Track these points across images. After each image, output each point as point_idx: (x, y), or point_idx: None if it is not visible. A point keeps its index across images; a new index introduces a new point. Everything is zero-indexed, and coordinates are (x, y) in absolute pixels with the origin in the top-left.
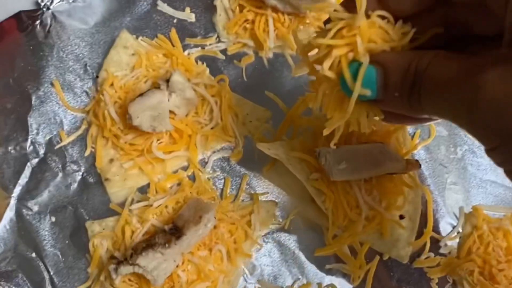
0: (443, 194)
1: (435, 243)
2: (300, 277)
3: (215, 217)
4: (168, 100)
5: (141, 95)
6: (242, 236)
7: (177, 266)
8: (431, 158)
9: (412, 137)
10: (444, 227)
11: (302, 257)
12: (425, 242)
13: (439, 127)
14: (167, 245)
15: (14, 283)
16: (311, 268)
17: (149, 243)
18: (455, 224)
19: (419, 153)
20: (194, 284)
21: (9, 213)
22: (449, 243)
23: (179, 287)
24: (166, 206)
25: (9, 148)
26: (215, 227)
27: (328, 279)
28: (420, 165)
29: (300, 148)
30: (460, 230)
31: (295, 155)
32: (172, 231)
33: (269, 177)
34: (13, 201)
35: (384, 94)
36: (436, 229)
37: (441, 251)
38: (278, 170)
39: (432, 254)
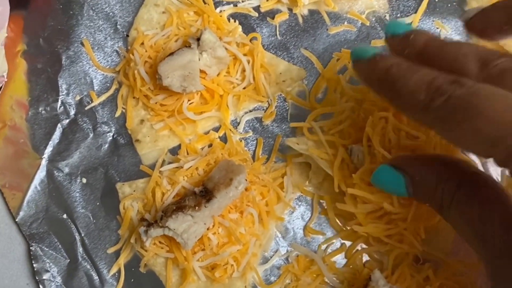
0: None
1: None
2: (334, 240)
3: (246, 180)
4: (199, 59)
5: (171, 54)
6: (274, 199)
7: (207, 229)
8: None
9: None
10: None
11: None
12: None
13: None
14: (197, 208)
15: (46, 244)
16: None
17: (179, 205)
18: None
19: None
20: (225, 247)
21: (40, 174)
22: None
23: (209, 250)
24: (197, 168)
25: (40, 109)
26: (246, 189)
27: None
28: None
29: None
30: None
31: (326, 150)
32: (203, 193)
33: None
34: (44, 162)
35: (415, 195)
36: None
37: None
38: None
39: None
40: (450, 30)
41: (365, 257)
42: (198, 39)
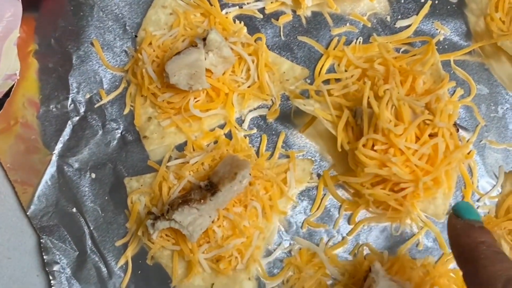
0: (483, 153)
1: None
2: (335, 234)
3: (250, 174)
4: (205, 59)
5: (178, 53)
6: (278, 193)
7: (212, 222)
8: (471, 117)
9: (452, 95)
10: (483, 186)
11: (337, 215)
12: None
13: (480, 85)
14: (202, 201)
15: (56, 237)
16: (347, 226)
17: (185, 199)
18: (494, 183)
19: (459, 112)
20: (229, 240)
21: (51, 170)
22: (487, 202)
23: (214, 242)
24: (203, 163)
25: (51, 106)
26: (250, 184)
27: (363, 237)
28: (458, 129)
29: (337, 107)
30: (500, 190)
31: (330, 112)
32: (208, 187)
33: (306, 134)
34: (54, 158)
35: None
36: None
37: (479, 210)
38: (316, 127)
39: None
40: (450, 31)
41: (366, 250)
42: (204, 39)
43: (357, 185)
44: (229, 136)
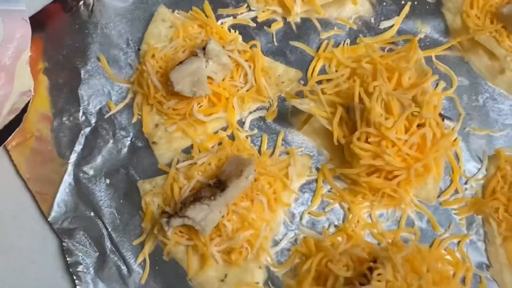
0: (467, 139)
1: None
2: (336, 222)
3: (255, 170)
4: (206, 67)
5: (180, 63)
6: (281, 187)
7: (222, 217)
8: (455, 107)
9: (435, 87)
10: (470, 170)
11: (337, 205)
12: (451, 184)
13: (461, 78)
14: (212, 197)
15: (77, 239)
16: (347, 214)
17: (196, 196)
18: (479, 166)
19: (444, 103)
20: (239, 232)
21: (68, 178)
22: (474, 184)
23: (225, 235)
24: (210, 163)
25: (64, 119)
26: (255, 180)
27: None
28: (443, 118)
29: (330, 104)
30: (485, 172)
31: (325, 109)
32: (217, 184)
33: (303, 131)
34: (70, 167)
35: None
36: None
37: (467, 192)
38: (312, 124)
39: (459, 195)
40: (430, 29)
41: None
42: (204, 49)
43: (353, 175)
44: (232, 137)
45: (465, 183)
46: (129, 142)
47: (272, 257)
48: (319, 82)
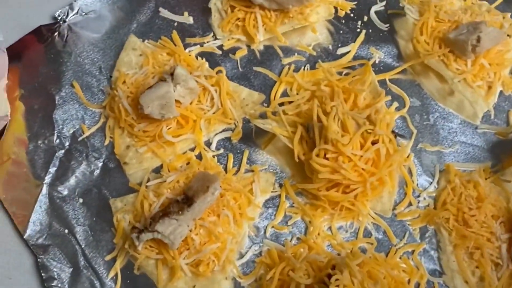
0: (420, 155)
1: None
2: (298, 235)
3: (220, 186)
4: (174, 91)
5: (150, 87)
6: (246, 202)
7: (190, 231)
8: (407, 126)
9: (389, 108)
10: (422, 184)
11: (299, 218)
12: (405, 197)
13: (413, 99)
14: (180, 212)
15: (51, 256)
16: (308, 226)
17: (165, 212)
18: (431, 180)
19: (396, 122)
20: (206, 245)
21: (43, 198)
22: (426, 197)
23: (193, 248)
24: (178, 181)
25: (39, 142)
26: (221, 195)
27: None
28: (396, 135)
29: (291, 124)
30: (436, 186)
31: (286, 129)
32: (184, 200)
33: (267, 150)
34: (45, 188)
35: None
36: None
37: (420, 204)
38: (275, 143)
39: (412, 207)
40: (383, 54)
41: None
42: (172, 74)
43: (314, 190)
44: (199, 157)
45: (418, 196)
46: (101, 163)
47: (238, 268)
48: (281, 104)
